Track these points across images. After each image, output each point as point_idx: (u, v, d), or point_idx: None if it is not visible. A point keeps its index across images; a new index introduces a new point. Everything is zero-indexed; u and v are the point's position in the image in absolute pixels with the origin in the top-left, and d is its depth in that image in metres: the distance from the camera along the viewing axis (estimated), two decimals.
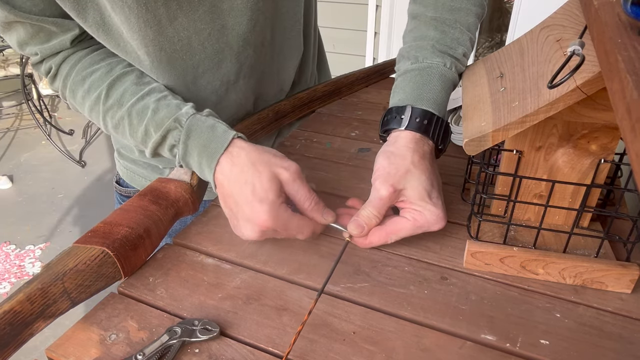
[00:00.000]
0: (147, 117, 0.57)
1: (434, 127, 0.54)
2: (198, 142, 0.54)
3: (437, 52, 0.57)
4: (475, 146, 0.45)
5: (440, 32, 0.59)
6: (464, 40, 0.59)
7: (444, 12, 0.59)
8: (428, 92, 0.55)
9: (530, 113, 0.42)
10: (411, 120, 0.53)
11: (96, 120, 0.61)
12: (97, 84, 0.59)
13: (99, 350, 0.42)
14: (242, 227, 0.51)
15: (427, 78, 0.56)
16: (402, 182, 0.51)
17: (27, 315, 0.41)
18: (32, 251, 2.27)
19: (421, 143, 0.53)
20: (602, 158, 0.48)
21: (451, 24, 0.59)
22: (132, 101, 0.58)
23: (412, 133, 0.53)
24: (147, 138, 0.57)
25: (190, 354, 0.41)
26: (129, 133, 0.59)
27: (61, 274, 0.44)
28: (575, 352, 0.42)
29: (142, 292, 0.48)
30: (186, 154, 0.55)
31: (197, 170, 0.56)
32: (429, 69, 0.57)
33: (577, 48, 0.37)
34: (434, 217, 0.51)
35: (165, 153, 0.58)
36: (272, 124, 0.77)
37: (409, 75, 0.57)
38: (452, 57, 0.58)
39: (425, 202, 0.51)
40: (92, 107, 0.60)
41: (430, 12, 0.60)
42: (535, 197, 0.53)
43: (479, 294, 0.47)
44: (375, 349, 0.42)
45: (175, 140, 0.56)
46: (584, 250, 0.50)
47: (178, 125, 0.55)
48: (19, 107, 3.48)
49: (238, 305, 0.46)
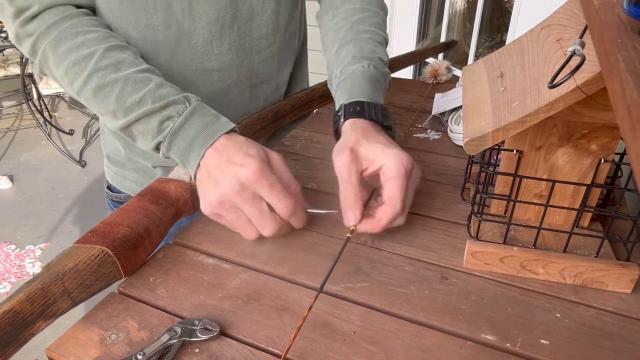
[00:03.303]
0: (147, 88, 0.56)
1: (367, 110, 0.60)
2: (200, 121, 0.55)
3: (356, 60, 0.66)
4: (475, 146, 0.45)
5: (357, 48, 0.68)
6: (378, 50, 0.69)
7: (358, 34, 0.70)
8: (355, 89, 0.63)
9: (531, 113, 0.42)
10: (346, 113, 0.60)
11: (73, 77, 0.58)
12: (93, 43, 0.58)
13: (99, 350, 0.42)
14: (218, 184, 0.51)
15: (351, 81, 0.64)
16: (355, 146, 0.54)
17: (27, 315, 0.41)
18: (32, 251, 2.27)
19: (360, 123, 0.58)
20: (602, 158, 0.48)
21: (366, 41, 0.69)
22: (132, 70, 0.58)
23: (349, 121, 0.59)
24: (138, 106, 0.56)
25: (190, 353, 0.41)
26: (115, 97, 0.57)
27: (61, 274, 0.44)
28: (575, 352, 0.42)
29: (142, 291, 0.48)
30: (182, 127, 0.55)
31: (183, 147, 0.55)
32: (351, 74, 0.65)
33: (577, 48, 0.37)
34: (400, 157, 0.52)
35: (151, 124, 0.56)
36: (272, 124, 0.77)
37: (339, 88, 0.65)
38: (369, 60, 0.66)
39: (383, 150, 0.53)
40: (77, 62, 0.58)
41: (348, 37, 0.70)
42: (536, 197, 0.53)
43: (479, 294, 0.47)
44: (375, 348, 0.42)
45: (177, 113, 0.56)
46: (584, 250, 0.50)
47: (185, 101, 0.56)
48: (19, 107, 3.48)
49: (238, 305, 0.46)
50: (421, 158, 0.73)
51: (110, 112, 0.58)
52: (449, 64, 1.04)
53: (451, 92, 0.89)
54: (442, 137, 0.80)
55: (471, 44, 1.93)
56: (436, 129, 0.82)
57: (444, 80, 1.03)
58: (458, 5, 2.34)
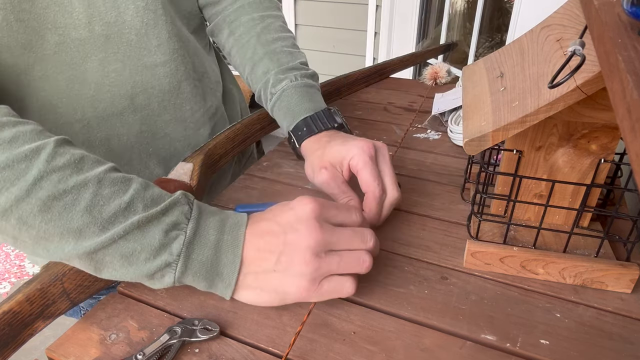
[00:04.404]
0: (132, 189, 0.42)
1: (314, 124, 0.62)
2: (214, 218, 0.43)
3: (280, 77, 0.66)
4: (475, 146, 0.45)
5: (275, 62, 0.67)
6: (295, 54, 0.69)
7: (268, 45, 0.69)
8: (293, 108, 0.64)
9: (531, 113, 0.42)
10: (297, 138, 0.63)
11: (4, 185, 0.38)
12: (31, 136, 0.41)
13: (99, 350, 0.42)
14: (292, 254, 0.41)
15: (286, 101, 0.65)
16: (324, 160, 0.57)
17: (26, 316, 0.41)
18: None
19: (315, 139, 0.61)
20: (602, 158, 0.48)
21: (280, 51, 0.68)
22: (102, 168, 0.42)
23: (305, 141, 0.62)
24: (127, 214, 0.40)
25: (190, 353, 0.41)
26: (84, 206, 0.39)
27: (60, 275, 0.44)
28: (575, 352, 0.42)
29: (142, 291, 0.48)
30: (197, 234, 0.42)
31: (208, 255, 0.42)
32: (282, 92, 0.65)
33: (577, 48, 0.37)
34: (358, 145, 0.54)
35: (148, 237, 0.40)
36: (272, 124, 0.77)
37: (276, 109, 0.66)
38: (293, 70, 0.67)
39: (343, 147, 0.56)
40: (11, 163, 0.38)
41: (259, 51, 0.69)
42: (535, 197, 0.53)
43: (479, 294, 0.47)
44: (375, 348, 0.42)
45: (185, 217, 0.42)
46: (584, 250, 0.50)
47: (188, 201, 0.44)
48: None
49: (238, 305, 0.46)
50: (421, 158, 0.73)
51: (73, 231, 0.39)
52: (449, 67, 1.04)
53: (451, 92, 0.89)
54: (442, 137, 0.80)
55: (471, 44, 1.93)
56: (436, 129, 0.82)
57: (444, 82, 1.03)
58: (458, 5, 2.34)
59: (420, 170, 0.70)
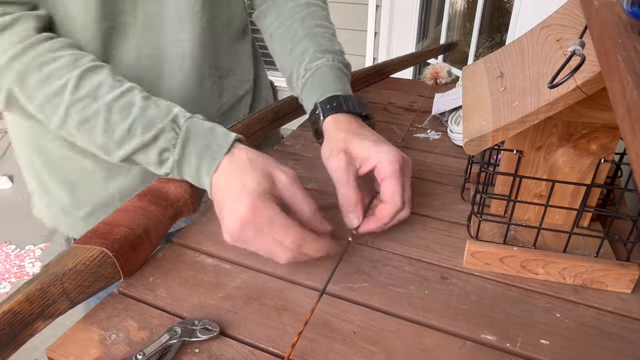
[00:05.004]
0: (133, 115, 0.51)
1: (344, 103, 0.60)
2: (197, 146, 0.51)
3: (319, 55, 0.65)
4: (475, 146, 0.45)
5: (315, 43, 0.67)
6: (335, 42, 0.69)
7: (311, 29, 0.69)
8: (326, 84, 0.63)
9: (531, 113, 0.42)
10: (324, 110, 0.60)
11: (50, 113, 0.52)
12: (61, 72, 0.51)
13: (99, 350, 0.42)
14: (223, 220, 0.48)
15: (320, 77, 0.64)
16: (347, 147, 0.54)
17: (26, 316, 0.41)
18: (32, 251, 2.27)
19: (341, 119, 0.59)
20: (602, 158, 0.48)
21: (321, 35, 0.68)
22: (112, 95, 0.52)
23: (330, 117, 0.59)
24: (130, 138, 0.51)
25: (190, 353, 0.41)
26: (101, 129, 0.51)
27: (60, 275, 0.44)
28: (575, 352, 0.42)
29: (142, 292, 0.48)
30: (183, 158, 0.52)
31: (192, 175, 0.52)
32: (318, 69, 0.64)
33: (577, 48, 0.37)
34: (392, 153, 0.52)
35: (151, 157, 0.52)
36: (272, 124, 0.77)
37: (307, 85, 0.65)
38: (332, 53, 0.66)
39: (374, 147, 0.53)
40: (50, 97, 0.51)
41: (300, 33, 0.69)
42: (535, 197, 0.53)
43: (479, 294, 0.47)
44: (375, 349, 0.42)
45: (171, 144, 0.51)
46: (584, 250, 0.50)
47: (175, 127, 0.52)
48: None
49: (238, 305, 0.46)
50: (421, 158, 0.73)
51: (101, 146, 0.53)
52: (450, 67, 1.04)
53: (451, 92, 0.89)
54: (442, 137, 0.80)
55: (471, 44, 1.93)
56: (436, 129, 0.82)
57: (444, 83, 1.03)
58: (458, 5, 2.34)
59: (421, 170, 0.70)
